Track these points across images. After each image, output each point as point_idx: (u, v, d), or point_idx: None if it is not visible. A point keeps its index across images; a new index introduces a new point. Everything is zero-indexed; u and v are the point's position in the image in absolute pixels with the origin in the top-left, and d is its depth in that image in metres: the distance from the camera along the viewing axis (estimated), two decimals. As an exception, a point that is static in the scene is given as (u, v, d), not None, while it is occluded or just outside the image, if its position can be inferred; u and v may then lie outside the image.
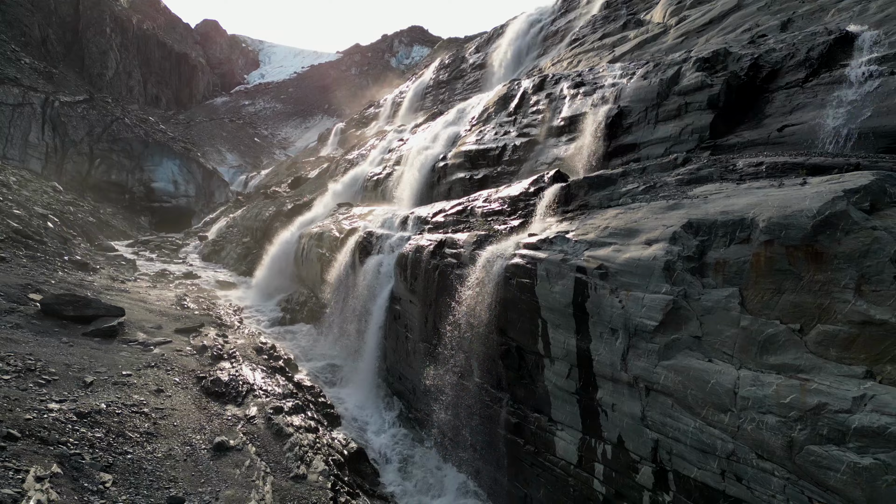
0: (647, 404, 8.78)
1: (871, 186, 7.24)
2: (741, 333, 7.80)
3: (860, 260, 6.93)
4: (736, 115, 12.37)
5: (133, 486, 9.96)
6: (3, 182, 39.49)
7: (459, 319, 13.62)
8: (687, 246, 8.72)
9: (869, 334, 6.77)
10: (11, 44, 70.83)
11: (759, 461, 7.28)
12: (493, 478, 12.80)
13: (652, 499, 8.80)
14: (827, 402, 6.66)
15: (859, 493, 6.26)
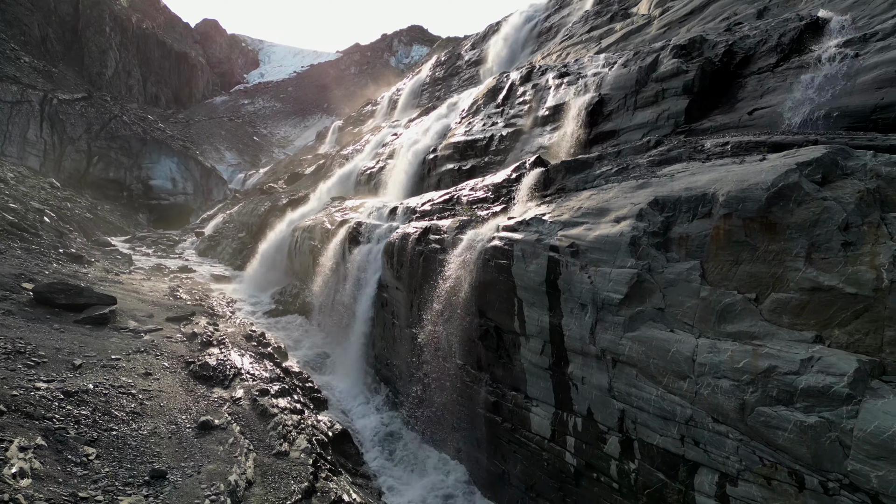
0: (613, 376, 9.03)
1: (823, 159, 7.48)
2: (701, 304, 8.05)
3: (811, 229, 7.17)
4: (710, 101, 12.61)
5: (116, 460, 10.20)
6: (1, 178, 39.74)
7: (442, 303, 13.87)
8: (652, 222, 8.96)
9: (818, 300, 7.02)
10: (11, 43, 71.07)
11: (714, 425, 7.52)
12: (473, 457, 13.05)
13: (619, 468, 9.05)
14: (777, 365, 6.90)
15: (805, 451, 6.51)
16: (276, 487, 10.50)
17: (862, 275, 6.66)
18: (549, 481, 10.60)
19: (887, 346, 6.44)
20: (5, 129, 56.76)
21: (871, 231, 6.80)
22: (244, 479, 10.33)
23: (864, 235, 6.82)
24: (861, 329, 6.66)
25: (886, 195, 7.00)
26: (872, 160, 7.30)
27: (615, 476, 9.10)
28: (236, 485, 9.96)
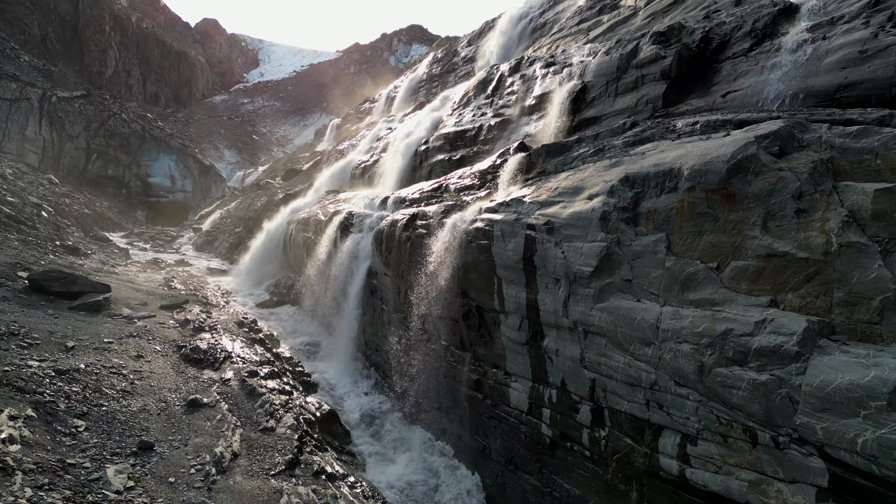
0: (585, 346, 9.32)
1: (780, 132, 7.77)
2: (666, 274, 8.34)
3: (767, 199, 7.46)
4: (688, 86, 12.89)
5: (105, 433, 10.50)
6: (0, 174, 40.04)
7: (428, 285, 14.16)
8: (623, 198, 9.25)
9: (773, 266, 7.31)
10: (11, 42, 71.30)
11: (676, 388, 7.81)
12: (456, 434, 13.34)
13: (590, 435, 9.34)
14: (733, 327, 7.19)
15: (757, 408, 6.80)
16: (260, 459, 10.80)
17: (813, 240, 6.95)
18: (527, 453, 10.89)
19: (836, 308, 6.73)
20: (4, 127, 57.04)
21: (822, 199, 7.09)
22: (230, 451, 10.62)
23: (816, 203, 7.10)
24: (812, 292, 6.95)
25: (839, 165, 7.28)
26: (827, 132, 7.59)
27: (587, 444, 9.40)
28: (222, 456, 10.25)
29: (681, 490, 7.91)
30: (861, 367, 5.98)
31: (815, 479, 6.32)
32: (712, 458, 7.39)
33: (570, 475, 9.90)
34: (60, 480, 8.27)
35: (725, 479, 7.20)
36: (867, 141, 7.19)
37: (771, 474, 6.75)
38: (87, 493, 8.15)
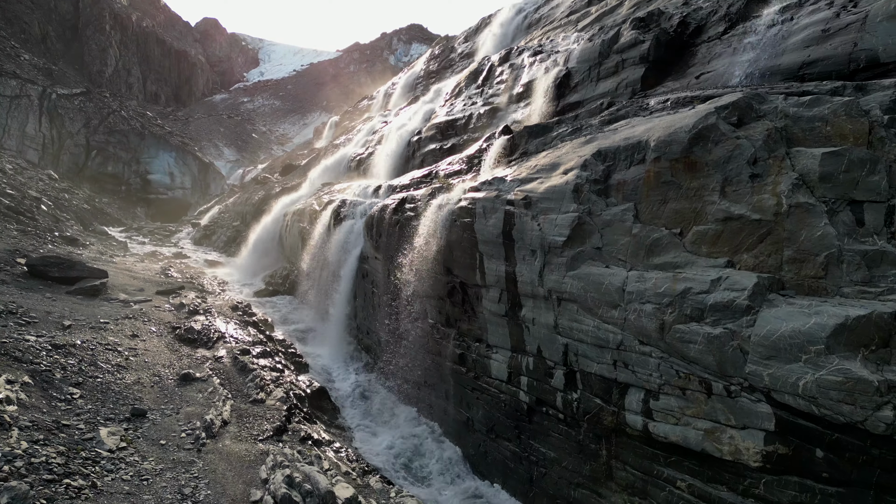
0: (558, 313, 9.72)
1: (739, 103, 8.16)
2: (633, 241, 8.74)
3: (725, 165, 7.86)
4: (665, 69, 13.28)
5: (100, 401, 10.89)
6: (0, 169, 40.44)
7: (415, 266, 14.55)
8: (595, 171, 9.65)
9: (730, 229, 7.71)
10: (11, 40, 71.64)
11: (640, 346, 8.21)
12: (442, 409, 13.74)
13: (563, 398, 9.73)
14: (691, 286, 7.59)
15: (711, 359, 7.19)
16: (249, 426, 11.20)
17: (765, 202, 7.35)
18: (507, 421, 11.29)
19: (786, 265, 7.13)
20: (4, 123, 57.41)
21: (775, 164, 7.49)
22: (220, 419, 11.02)
23: (770, 168, 7.50)
24: (764, 251, 7.35)
25: (792, 132, 7.68)
26: (783, 103, 7.98)
27: (561, 407, 9.79)
28: (212, 422, 10.65)
29: (645, 444, 8.31)
30: (803, 316, 6.38)
31: (763, 423, 6.72)
32: (672, 410, 7.79)
33: (546, 439, 10.30)
34: (55, 438, 8.68)
35: (684, 429, 7.60)
36: (819, 109, 7.58)
37: (724, 422, 7.14)
38: (80, 450, 8.55)
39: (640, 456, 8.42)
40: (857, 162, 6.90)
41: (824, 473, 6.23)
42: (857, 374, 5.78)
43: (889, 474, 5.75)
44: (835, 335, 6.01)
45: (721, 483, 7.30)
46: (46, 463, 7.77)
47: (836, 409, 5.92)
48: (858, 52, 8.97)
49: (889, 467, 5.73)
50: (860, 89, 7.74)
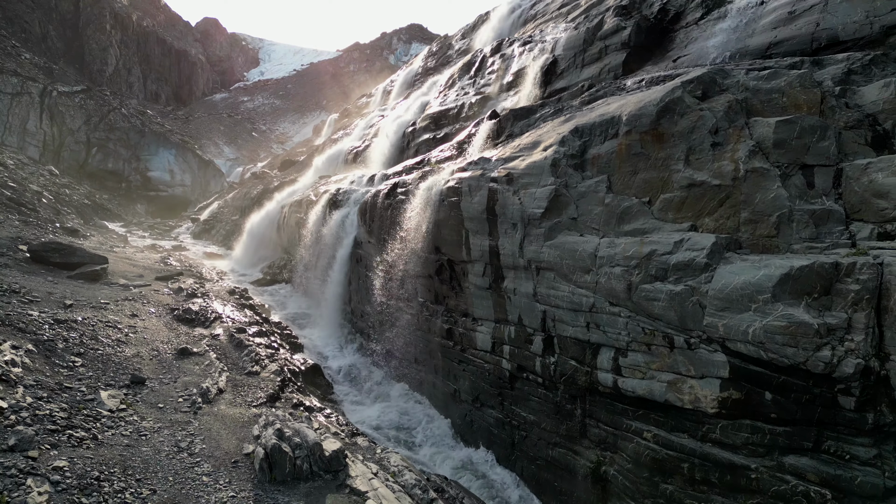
0: (537, 282, 10.20)
1: (703, 77, 8.65)
2: (605, 210, 9.22)
3: (689, 135, 8.35)
4: (646, 55, 13.76)
5: (101, 370, 11.37)
6: (1, 163, 40.93)
7: (406, 247, 15.03)
8: (572, 146, 10.14)
9: (693, 195, 8.19)
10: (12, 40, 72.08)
11: (610, 307, 8.69)
12: (431, 383, 14.23)
13: (542, 363, 10.21)
14: (656, 248, 8.07)
15: (673, 315, 7.68)
16: (244, 394, 11.68)
17: (724, 168, 7.84)
18: (491, 389, 11.77)
19: (742, 226, 7.62)
20: (5, 120, 57.87)
21: (735, 133, 7.98)
22: (216, 387, 11.50)
23: (730, 136, 7.99)
24: (724, 214, 7.84)
25: (752, 104, 8.17)
26: (744, 76, 8.47)
27: (539, 371, 10.27)
28: (208, 390, 11.14)
29: (615, 400, 8.79)
30: (754, 269, 6.87)
31: (719, 371, 7.21)
32: (639, 366, 8.27)
33: (526, 403, 10.78)
34: (58, 397, 9.17)
35: (649, 383, 8.08)
36: (776, 82, 8.07)
37: (685, 373, 7.63)
38: (81, 408, 9.04)
39: (610, 412, 8.90)
40: (809, 129, 7.39)
41: (773, 414, 6.71)
42: (799, 318, 6.27)
43: (828, 410, 6.23)
44: (780, 284, 6.50)
45: (683, 431, 7.78)
46: (50, 416, 8.26)
47: (781, 353, 6.40)
48: (820, 31, 9.45)
49: (828, 404, 6.21)
50: (816, 63, 8.23)
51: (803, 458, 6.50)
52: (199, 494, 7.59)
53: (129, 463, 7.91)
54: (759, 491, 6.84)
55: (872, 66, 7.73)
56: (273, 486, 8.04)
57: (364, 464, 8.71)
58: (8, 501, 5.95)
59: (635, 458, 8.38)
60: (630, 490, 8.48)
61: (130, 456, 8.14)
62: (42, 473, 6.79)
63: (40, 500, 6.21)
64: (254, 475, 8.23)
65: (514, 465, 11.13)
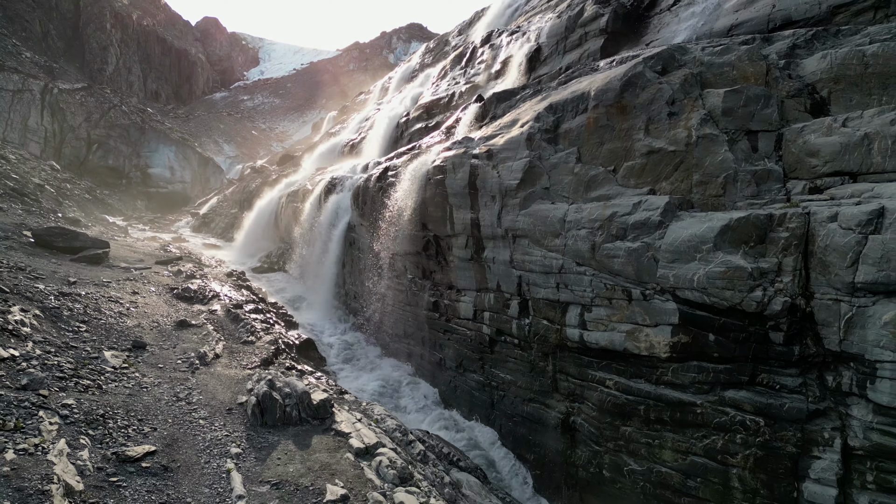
0: (513, 249, 10.88)
1: (663, 54, 9.33)
2: (574, 179, 9.90)
3: (649, 107, 9.03)
4: (623, 40, 14.44)
5: (104, 335, 12.05)
6: (3, 156, 41.61)
7: (395, 226, 15.71)
8: (546, 122, 10.82)
9: (652, 161, 8.88)
10: (13, 38, 72.68)
11: (577, 267, 9.37)
12: (419, 355, 14.91)
13: (517, 325, 10.90)
14: (617, 210, 8.75)
15: (631, 269, 8.36)
16: (239, 359, 12.36)
17: (679, 135, 8.52)
18: (473, 355, 12.45)
19: (695, 187, 8.30)
20: (7, 117, 58.55)
21: (689, 103, 8.66)
22: (213, 352, 12.18)
23: (685, 107, 8.67)
24: (679, 178, 8.52)
25: (706, 77, 8.84)
26: (700, 52, 9.15)
27: (515, 332, 10.95)
28: (205, 353, 11.83)
29: (582, 354, 9.48)
30: (699, 223, 7.55)
31: (670, 318, 7.89)
32: (602, 319, 8.95)
33: (504, 364, 11.47)
34: (64, 353, 9.85)
35: (610, 334, 8.76)
36: (727, 56, 8.76)
37: (641, 322, 8.31)
38: (87, 363, 9.72)
39: (578, 365, 9.57)
40: (754, 98, 8.07)
41: (715, 354, 7.39)
42: (736, 263, 6.95)
43: (761, 346, 6.91)
44: (721, 235, 7.18)
45: (640, 377, 8.46)
46: (58, 366, 8.95)
47: (721, 296, 7.09)
48: (776, 12, 10.14)
49: (761, 340, 6.89)
50: (766, 40, 8.92)
51: (741, 392, 7.18)
52: (195, 433, 8.27)
53: (131, 407, 8.59)
54: (704, 424, 7.52)
55: (815, 40, 8.40)
56: (264, 429, 8.73)
57: (349, 412, 9.39)
58: (22, 427, 6.63)
59: (599, 406, 9.07)
60: (594, 435, 9.17)
61: (133, 402, 8.82)
62: (52, 408, 7.48)
63: (51, 428, 6.89)
64: (246, 420, 8.91)
65: (493, 423, 11.81)
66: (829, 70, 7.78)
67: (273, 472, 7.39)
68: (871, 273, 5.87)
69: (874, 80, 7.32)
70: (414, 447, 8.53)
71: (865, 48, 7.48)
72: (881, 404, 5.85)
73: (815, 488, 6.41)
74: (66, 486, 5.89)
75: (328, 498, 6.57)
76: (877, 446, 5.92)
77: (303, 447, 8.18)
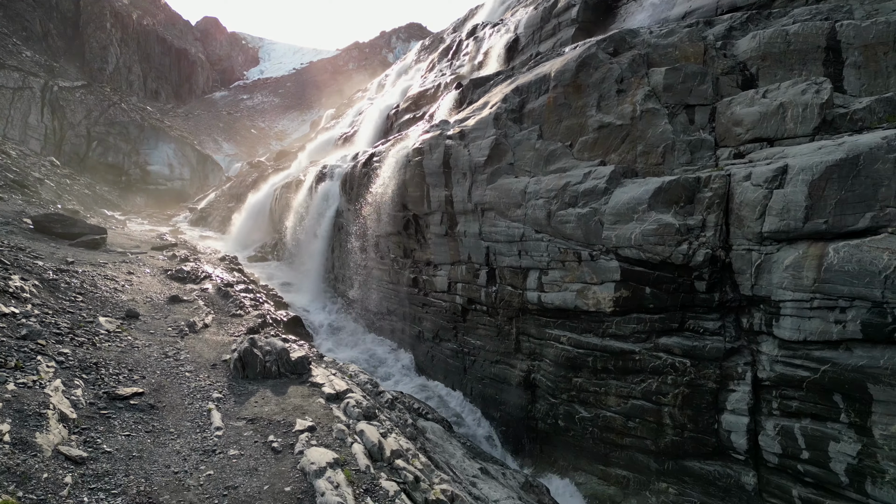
0: (482, 222, 11.63)
1: (615, 37, 10.08)
2: (535, 154, 10.65)
3: (600, 85, 9.78)
4: (592, 29, 15.19)
5: (99, 306, 12.79)
6: (4, 152, 42.38)
7: (379, 209, 16.46)
8: (512, 102, 11.57)
9: (603, 135, 9.63)
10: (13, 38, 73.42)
11: (535, 234, 10.12)
12: (400, 329, 15.67)
13: (486, 293, 11.65)
14: (570, 180, 9.50)
15: (580, 233, 9.11)
16: (227, 328, 13.12)
17: (625, 110, 9.27)
18: (448, 325, 13.21)
19: (639, 157, 9.06)
20: (7, 114, 59.29)
21: (636, 81, 9.41)
22: (202, 322, 12.93)
23: (632, 84, 9.42)
24: (625, 150, 9.27)
25: (652, 57, 9.60)
26: (648, 35, 9.90)
27: (484, 300, 11.71)
28: (195, 323, 12.58)
29: (540, 315, 10.23)
30: (638, 188, 8.31)
31: (613, 276, 8.64)
32: (556, 281, 9.71)
33: (475, 331, 12.22)
34: (61, 316, 10.60)
35: (563, 294, 9.52)
36: (672, 38, 9.51)
37: (589, 281, 9.06)
38: (82, 325, 10.47)
39: (537, 325, 10.33)
40: (691, 75, 8.82)
41: (651, 305, 8.14)
42: (666, 221, 7.71)
43: (688, 295, 7.66)
44: (654, 196, 7.94)
45: (589, 332, 9.22)
46: (55, 325, 9.70)
47: (654, 251, 7.84)
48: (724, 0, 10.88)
49: (688, 290, 7.65)
50: (708, 23, 9.68)
51: (672, 338, 7.94)
52: (181, 382, 9.03)
53: (122, 360, 9.35)
54: (642, 370, 8.28)
55: (749, 22, 9.16)
56: (245, 380, 9.48)
57: (326, 368, 10.15)
58: (22, 367, 7.39)
59: (555, 361, 9.82)
60: (551, 388, 9.92)
61: (124, 357, 9.58)
62: (49, 354, 8.24)
63: (48, 370, 7.64)
64: (229, 373, 9.67)
65: (465, 387, 12.57)
66: (758, 48, 8.53)
67: (250, 412, 8.15)
68: (774, 223, 6.63)
69: (795, 56, 8.07)
70: (383, 396, 9.29)
71: (789, 28, 8.24)
72: (784, 339, 6.60)
73: (731, 418, 7.17)
74: (60, 413, 6.65)
75: (297, 428, 7.33)
76: (780, 376, 6.67)
77: (279, 394, 8.94)
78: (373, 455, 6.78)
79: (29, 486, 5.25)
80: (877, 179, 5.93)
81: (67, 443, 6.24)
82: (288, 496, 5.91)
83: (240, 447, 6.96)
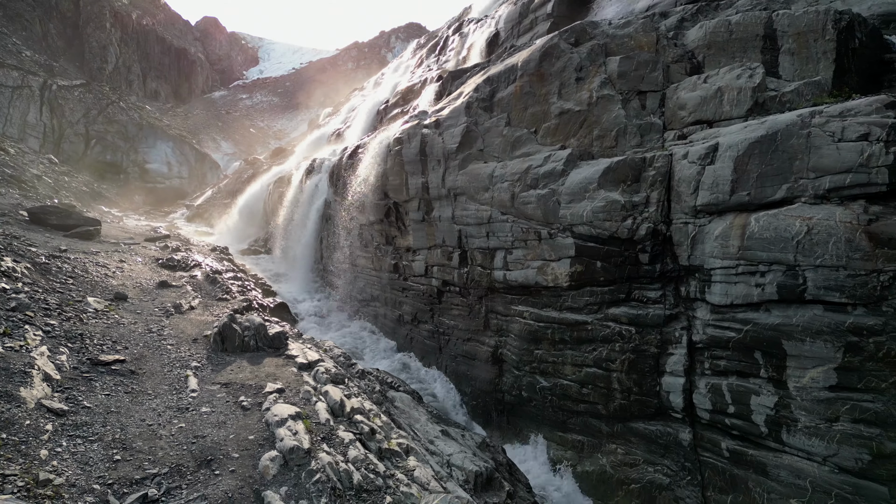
0: (454, 206, 12.17)
1: (576, 27, 10.61)
2: (503, 140, 11.19)
3: (561, 73, 10.31)
4: (567, 23, 15.64)
5: (89, 289, 13.33)
6: (2, 149, 42.92)
7: (363, 198, 16.99)
8: (483, 92, 12.10)
9: (563, 121, 10.16)
10: (13, 37, 73.92)
11: (501, 216, 10.65)
12: (383, 314, 16.20)
13: (458, 274, 12.18)
14: (532, 164, 10.04)
15: (540, 213, 9.64)
16: (212, 310, 13.64)
17: (583, 96, 9.80)
18: (425, 307, 13.74)
19: (594, 141, 9.59)
20: (6, 112, 59.83)
21: (594, 69, 9.94)
22: (188, 304, 13.46)
23: (590, 72, 9.95)
24: (583, 134, 9.80)
25: (610, 47, 10.12)
26: (607, 26, 10.43)
27: (457, 281, 12.24)
28: (181, 304, 13.11)
29: (506, 292, 10.76)
30: (590, 168, 8.84)
31: (569, 252, 9.17)
32: (519, 259, 10.24)
33: (449, 312, 12.75)
34: (51, 295, 11.14)
35: (525, 271, 10.05)
36: (628, 29, 10.04)
37: (548, 258, 9.59)
38: (71, 303, 11.00)
39: (503, 303, 10.86)
40: (643, 63, 9.35)
41: (602, 278, 8.67)
42: (613, 198, 8.24)
43: (633, 268, 8.19)
44: (604, 175, 8.47)
45: (549, 306, 9.74)
46: (45, 301, 10.24)
47: (602, 227, 8.38)
48: (683, -7, 11.39)
49: (633, 262, 8.18)
50: (663, 15, 10.20)
51: (621, 308, 8.47)
52: (162, 353, 9.57)
53: (107, 334, 9.89)
54: (594, 339, 8.81)
55: (699, 14, 9.69)
56: (223, 353, 10.02)
57: (302, 343, 10.68)
58: (10, 333, 7.92)
59: (519, 335, 10.35)
60: (515, 361, 10.46)
61: (109, 332, 10.12)
62: (37, 325, 8.78)
63: (35, 338, 8.18)
64: (209, 347, 10.20)
65: (441, 365, 13.10)
66: (704, 38, 9.06)
67: (224, 378, 8.69)
68: (706, 196, 7.16)
69: (737, 44, 8.60)
70: (354, 367, 9.82)
71: (731, 18, 8.76)
72: (714, 304, 7.13)
73: (670, 380, 7.70)
74: (45, 374, 7.19)
75: (266, 390, 7.87)
76: (711, 338, 7.20)
77: (254, 364, 9.48)
78: (334, 411, 7.31)
79: (12, 430, 5.79)
80: (792, 154, 6.46)
81: (50, 398, 6.77)
82: (251, 443, 6.45)
83: (212, 406, 7.50)
